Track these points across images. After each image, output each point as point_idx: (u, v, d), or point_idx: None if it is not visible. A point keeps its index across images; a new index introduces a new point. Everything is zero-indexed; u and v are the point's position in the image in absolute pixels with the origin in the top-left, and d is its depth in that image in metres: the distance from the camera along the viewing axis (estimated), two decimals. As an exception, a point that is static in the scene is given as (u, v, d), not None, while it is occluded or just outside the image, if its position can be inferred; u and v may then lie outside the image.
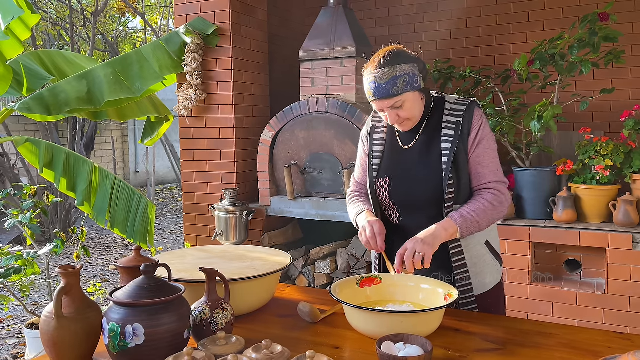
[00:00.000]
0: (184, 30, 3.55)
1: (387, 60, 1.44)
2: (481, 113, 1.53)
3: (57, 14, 8.19)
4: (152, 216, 3.25)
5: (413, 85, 1.44)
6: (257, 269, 1.47)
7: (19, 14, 2.65)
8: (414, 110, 1.49)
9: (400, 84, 1.43)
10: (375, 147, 1.63)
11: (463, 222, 1.43)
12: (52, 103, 3.01)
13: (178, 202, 9.53)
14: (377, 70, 1.44)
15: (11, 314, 3.98)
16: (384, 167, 1.60)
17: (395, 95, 1.43)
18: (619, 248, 2.81)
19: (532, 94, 3.52)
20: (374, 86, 1.44)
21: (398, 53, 1.46)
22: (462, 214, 1.44)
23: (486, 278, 1.58)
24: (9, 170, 6.31)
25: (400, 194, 1.55)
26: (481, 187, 1.51)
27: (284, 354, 1.06)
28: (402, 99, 1.44)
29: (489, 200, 1.47)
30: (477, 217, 1.45)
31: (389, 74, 1.42)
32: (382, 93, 1.43)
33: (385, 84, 1.42)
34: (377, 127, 1.65)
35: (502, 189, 1.51)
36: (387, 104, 1.45)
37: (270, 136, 3.58)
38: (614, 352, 1.19)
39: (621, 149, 2.95)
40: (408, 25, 4.36)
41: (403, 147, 1.57)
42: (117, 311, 1.09)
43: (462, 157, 1.50)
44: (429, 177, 1.50)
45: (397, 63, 1.43)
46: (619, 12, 3.40)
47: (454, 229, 1.43)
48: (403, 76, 1.43)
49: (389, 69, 1.43)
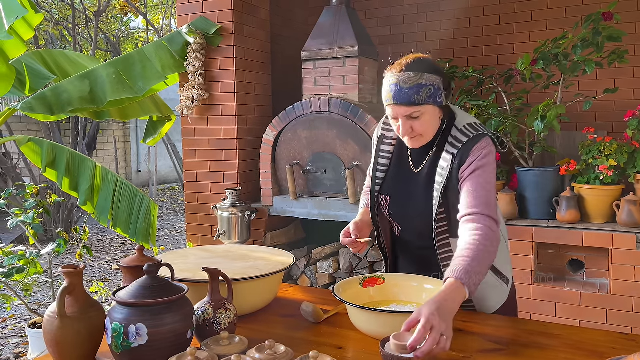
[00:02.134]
0: (187, 29, 3.55)
1: (416, 66, 1.33)
2: (485, 145, 1.38)
3: (59, 14, 8.21)
4: (154, 216, 3.26)
5: (436, 99, 1.34)
6: (260, 269, 1.47)
7: (22, 13, 2.66)
8: (430, 127, 1.38)
9: (424, 93, 1.32)
10: (381, 159, 1.55)
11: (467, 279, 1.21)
12: (54, 103, 3.02)
13: (180, 202, 9.54)
14: (402, 73, 1.33)
15: (13, 314, 3.99)
16: (387, 184, 1.53)
17: (415, 104, 1.32)
18: (622, 248, 2.80)
19: (535, 94, 3.51)
20: (395, 89, 1.33)
21: (427, 61, 1.36)
22: (464, 268, 1.22)
23: (489, 301, 1.49)
24: (11, 169, 6.32)
25: (399, 215, 1.51)
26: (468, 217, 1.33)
27: (287, 354, 1.06)
28: (422, 110, 1.34)
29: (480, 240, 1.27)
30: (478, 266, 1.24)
31: (414, 80, 1.31)
32: (403, 98, 1.32)
33: (409, 89, 1.31)
34: (386, 137, 1.56)
35: (490, 224, 1.31)
36: (405, 111, 1.34)
37: (272, 136, 3.58)
38: (618, 353, 1.18)
39: (625, 148, 2.94)
40: (410, 25, 4.36)
41: (414, 169, 1.48)
42: (121, 311, 1.09)
43: (453, 193, 1.40)
44: (425, 208, 1.43)
45: (425, 71, 1.33)
46: (623, 11, 3.38)
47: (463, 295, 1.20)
48: (428, 86, 1.32)
49: (415, 75, 1.32)
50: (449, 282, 1.21)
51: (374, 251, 3.41)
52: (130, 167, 11.34)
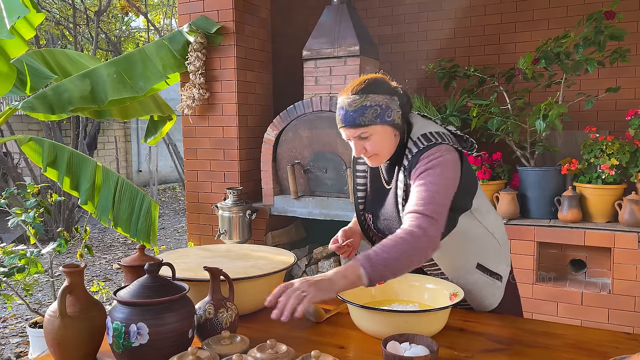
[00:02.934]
0: (187, 29, 3.54)
1: (361, 88, 1.36)
2: (436, 150, 1.34)
3: (60, 13, 8.21)
4: (155, 215, 3.25)
5: (384, 118, 1.35)
6: (261, 268, 1.46)
7: (24, 13, 2.65)
8: (382, 146, 1.39)
9: (369, 114, 1.34)
10: (358, 179, 1.59)
11: (367, 262, 1.18)
12: (55, 102, 3.02)
13: (181, 202, 9.54)
14: (348, 97, 1.36)
15: (14, 313, 3.99)
16: (368, 203, 1.57)
17: (361, 125, 1.35)
18: (624, 248, 2.80)
19: (536, 93, 3.51)
20: (342, 112, 1.37)
21: (374, 82, 1.38)
22: (368, 252, 1.21)
23: (484, 301, 1.50)
24: (12, 169, 6.32)
25: (383, 231, 1.52)
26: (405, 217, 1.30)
27: (289, 353, 1.06)
28: (369, 130, 1.36)
29: (400, 234, 1.24)
30: (386, 254, 1.20)
31: (358, 102, 1.35)
32: (349, 121, 1.36)
33: (353, 112, 1.35)
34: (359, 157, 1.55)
35: (423, 223, 1.25)
36: (353, 133, 1.37)
37: (273, 135, 3.58)
38: (621, 352, 1.18)
39: (627, 148, 2.93)
40: (411, 24, 4.35)
41: (386, 186, 1.50)
42: (122, 310, 1.08)
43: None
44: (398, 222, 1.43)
45: (369, 92, 1.35)
46: (625, 10, 3.37)
47: (356, 274, 1.17)
48: (373, 107, 1.34)
49: (359, 97, 1.35)
50: (350, 263, 1.20)
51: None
52: (131, 166, 11.35)
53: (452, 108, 3.46)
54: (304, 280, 1.14)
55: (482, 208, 1.48)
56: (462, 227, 1.43)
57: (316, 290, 1.12)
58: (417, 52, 4.32)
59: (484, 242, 1.48)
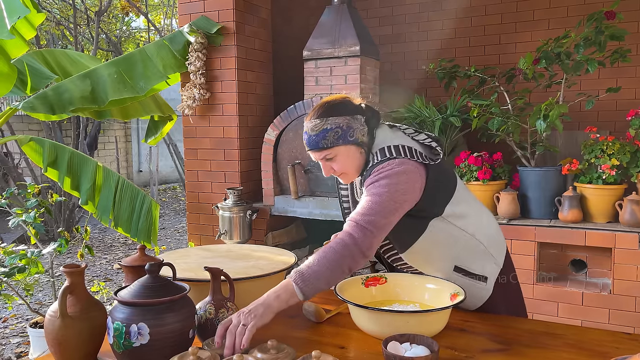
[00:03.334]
0: (188, 29, 3.55)
1: (320, 112, 1.41)
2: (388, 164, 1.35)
3: (61, 14, 8.22)
4: (155, 215, 3.26)
5: (347, 138, 1.39)
6: (262, 268, 1.46)
7: (25, 13, 2.65)
8: (348, 165, 1.43)
9: (330, 136, 1.39)
10: (342, 191, 1.63)
11: (299, 277, 1.22)
12: (56, 102, 3.02)
13: (181, 202, 9.54)
14: (310, 121, 1.42)
15: (15, 313, 3.99)
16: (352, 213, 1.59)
17: (324, 148, 1.40)
18: (625, 248, 2.79)
19: (537, 93, 3.50)
20: (306, 137, 1.43)
21: (334, 104, 1.42)
22: (300, 268, 1.25)
23: (468, 301, 1.47)
24: (12, 169, 6.33)
25: None
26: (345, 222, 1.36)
27: (290, 353, 1.06)
28: (333, 152, 1.41)
29: (331, 243, 1.29)
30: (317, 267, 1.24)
31: (319, 126, 1.40)
32: (313, 145, 1.42)
33: (315, 136, 1.40)
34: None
35: (352, 230, 1.29)
36: (318, 155, 1.44)
37: (274, 135, 3.58)
38: (622, 352, 1.18)
39: (627, 148, 2.93)
40: (412, 24, 4.35)
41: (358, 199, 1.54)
42: (122, 310, 1.09)
43: None
44: None
45: (329, 115, 1.40)
46: (626, 10, 3.37)
47: (289, 292, 1.21)
48: (334, 129, 1.39)
49: (320, 121, 1.40)
50: (284, 280, 1.25)
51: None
52: (132, 166, 11.35)
53: (452, 108, 3.46)
54: (239, 313, 1.16)
55: (459, 211, 1.46)
56: (434, 231, 1.44)
57: (254, 319, 1.14)
58: (418, 52, 4.32)
59: (461, 245, 1.47)
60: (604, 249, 2.90)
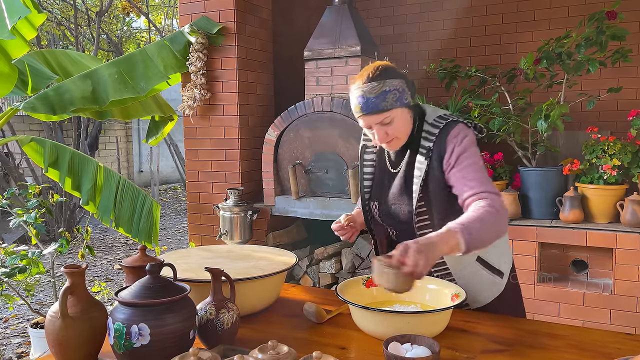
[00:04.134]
0: (189, 29, 3.55)
1: (377, 75, 1.38)
2: (459, 130, 1.40)
3: (61, 14, 8.22)
4: (156, 215, 3.26)
5: (402, 101, 1.38)
6: (263, 269, 1.46)
7: (25, 13, 2.65)
8: (403, 128, 1.42)
9: (390, 98, 1.36)
10: (365, 168, 1.60)
11: (465, 229, 1.22)
12: (56, 102, 3.01)
13: (182, 202, 9.55)
14: (365, 84, 1.37)
15: (16, 313, 3.99)
16: (374, 191, 1.57)
17: (385, 110, 1.37)
18: (626, 248, 2.79)
19: (537, 93, 3.50)
20: (362, 100, 1.37)
21: (387, 68, 1.41)
22: (461, 222, 1.24)
23: (479, 296, 1.50)
24: (13, 169, 6.33)
25: (387, 219, 1.53)
26: (470, 199, 1.35)
27: (290, 354, 1.05)
28: (392, 114, 1.38)
29: (485, 206, 1.29)
30: (478, 224, 1.25)
31: (378, 88, 1.36)
32: (371, 108, 1.36)
33: (375, 98, 1.36)
34: (368, 146, 1.61)
35: (493, 198, 1.32)
36: (376, 119, 1.38)
37: (274, 135, 3.57)
38: (624, 353, 1.17)
39: (628, 148, 2.92)
40: (413, 24, 4.35)
41: (392, 170, 1.53)
42: (123, 311, 1.08)
43: (434, 184, 1.41)
44: (406, 205, 1.46)
45: (386, 77, 1.37)
46: (627, 10, 3.37)
47: (455, 241, 1.21)
48: (393, 91, 1.37)
49: (378, 83, 1.36)
50: (444, 229, 1.24)
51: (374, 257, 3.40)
52: (133, 167, 11.35)
53: (453, 108, 3.46)
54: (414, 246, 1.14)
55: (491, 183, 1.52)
56: None
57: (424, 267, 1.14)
58: (418, 53, 4.31)
59: None
60: (605, 249, 2.89)
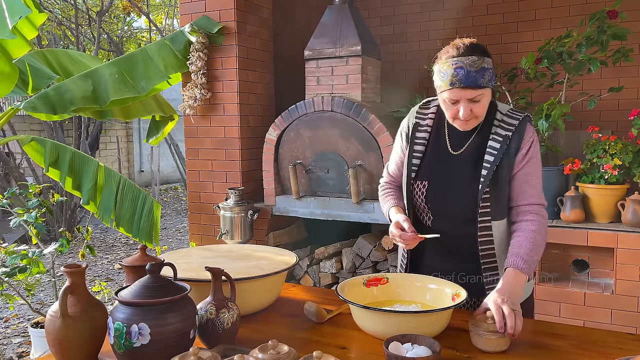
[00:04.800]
0: (189, 29, 3.54)
1: (475, 51, 1.35)
2: (533, 130, 1.46)
3: (62, 14, 8.22)
4: (157, 215, 3.25)
5: (492, 82, 1.38)
6: (263, 269, 1.46)
7: (26, 13, 2.65)
8: (485, 109, 1.41)
9: (487, 76, 1.35)
10: (416, 146, 1.54)
11: (528, 268, 1.35)
12: (57, 102, 3.01)
13: (182, 202, 9.55)
14: (466, 57, 1.34)
15: (16, 313, 3.99)
16: (424, 170, 1.52)
17: (481, 87, 1.34)
18: (627, 248, 2.78)
19: (538, 93, 3.49)
20: (462, 72, 1.33)
21: (480, 45, 1.39)
22: (525, 259, 1.35)
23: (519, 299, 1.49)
24: (14, 169, 6.33)
25: (437, 199, 1.49)
26: (525, 208, 1.44)
27: (291, 354, 1.05)
28: (484, 92, 1.36)
29: (537, 230, 1.40)
30: (537, 256, 1.38)
31: (479, 64, 1.34)
32: (471, 81, 1.33)
33: (475, 73, 1.33)
34: (421, 124, 1.55)
35: (544, 213, 1.45)
36: (470, 94, 1.35)
37: (275, 135, 3.57)
38: (625, 353, 1.17)
39: (630, 148, 2.92)
40: (413, 24, 4.34)
41: (452, 152, 1.49)
42: (123, 310, 1.08)
43: (504, 173, 1.43)
44: (469, 188, 1.44)
45: (485, 55, 1.37)
46: (628, 9, 3.36)
47: (524, 279, 1.35)
48: (489, 70, 1.36)
49: (478, 59, 1.34)
50: (510, 271, 1.34)
51: (377, 251, 3.40)
52: (133, 166, 11.36)
53: (454, 108, 3.45)
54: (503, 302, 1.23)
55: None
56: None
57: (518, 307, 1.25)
58: (419, 52, 4.31)
59: None
60: (606, 249, 2.89)
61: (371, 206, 3.27)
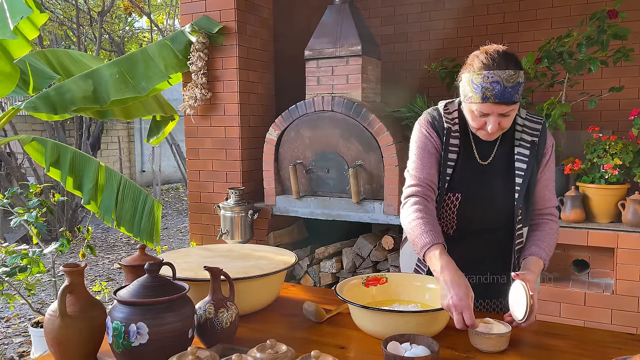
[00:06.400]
0: (190, 29, 3.55)
1: (512, 62, 1.30)
2: (550, 137, 1.48)
3: (63, 14, 8.23)
4: (158, 215, 3.26)
5: (521, 95, 1.34)
6: (262, 268, 1.46)
7: (27, 13, 2.65)
8: (512, 121, 1.38)
9: (520, 91, 1.31)
10: (450, 154, 1.44)
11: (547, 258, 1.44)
12: (58, 102, 3.02)
13: (184, 202, 9.55)
14: (503, 72, 1.27)
15: (17, 313, 4.00)
16: (457, 181, 1.45)
17: (515, 102, 1.30)
18: (627, 248, 2.78)
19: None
20: (498, 87, 1.27)
21: (514, 55, 1.33)
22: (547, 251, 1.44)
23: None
24: (15, 169, 6.34)
25: (469, 212, 1.46)
26: (544, 211, 1.49)
27: (289, 353, 1.05)
28: (515, 108, 1.33)
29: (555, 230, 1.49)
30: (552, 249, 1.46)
31: (515, 78, 1.28)
32: (507, 97, 1.28)
33: (511, 89, 1.28)
34: (452, 130, 1.45)
35: (557, 215, 1.52)
36: (503, 109, 1.31)
37: (275, 135, 3.57)
38: (624, 353, 1.17)
39: (630, 147, 2.91)
40: (414, 24, 4.34)
41: (481, 162, 1.45)
42: (121, 310, 1.08)
43: (533, 179, 1.45)
44: (503, 199, 1.44)
45: (520, 68, 1.31)
46: (628, 9, 3.36)
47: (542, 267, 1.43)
48: (522, 84, 1.31)
49: (514, 73, 1.28)
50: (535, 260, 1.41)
51: (377, 250, 3.40)
52: (134, 166, 11.37)
53: (454, 108, 3.45)
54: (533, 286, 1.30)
55: None
56: None
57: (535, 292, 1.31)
58: (419, 52, 4.31)
59: None
60: (606, 249, 2.88)
61: (371, 206, 3.27)
